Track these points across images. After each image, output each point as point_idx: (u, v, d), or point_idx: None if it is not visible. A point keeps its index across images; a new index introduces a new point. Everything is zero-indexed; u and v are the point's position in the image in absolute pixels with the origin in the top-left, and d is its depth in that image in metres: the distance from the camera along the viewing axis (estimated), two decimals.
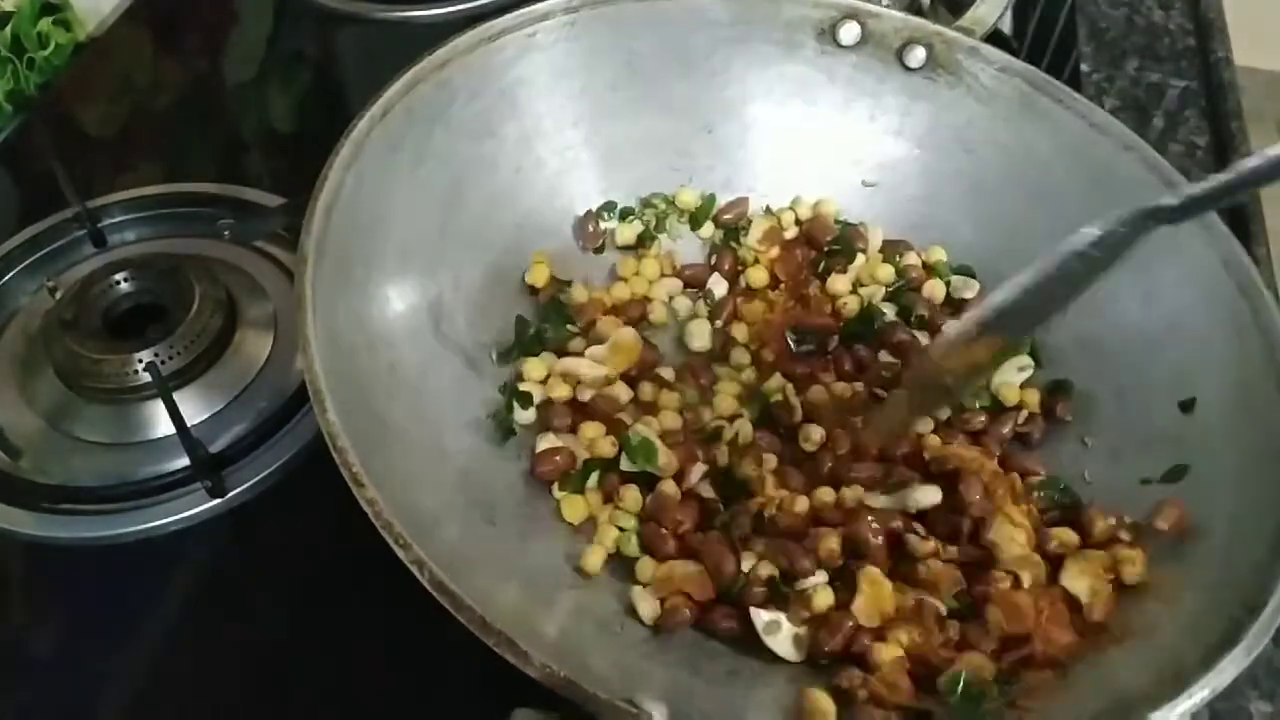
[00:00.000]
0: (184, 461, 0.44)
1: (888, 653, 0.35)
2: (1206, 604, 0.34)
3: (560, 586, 0.37)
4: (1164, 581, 0.36)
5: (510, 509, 0.39)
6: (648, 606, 0.37)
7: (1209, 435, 0.39)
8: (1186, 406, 0.40)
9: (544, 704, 0.32)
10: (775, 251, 0.48)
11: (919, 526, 0.39)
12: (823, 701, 0.33)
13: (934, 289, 0.47)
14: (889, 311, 0.47)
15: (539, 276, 0.46)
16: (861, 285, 0.48)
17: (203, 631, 0.41)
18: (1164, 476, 0.39)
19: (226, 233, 0.53)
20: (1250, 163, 0.32)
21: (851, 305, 0.47)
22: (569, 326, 0.45)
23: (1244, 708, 0.39)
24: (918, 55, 0.48)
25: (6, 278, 0.53)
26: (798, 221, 0.49)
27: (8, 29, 0.62)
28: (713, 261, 0.49)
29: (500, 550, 0.36)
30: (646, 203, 0.49)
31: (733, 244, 0.49)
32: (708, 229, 0.50)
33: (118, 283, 0.50)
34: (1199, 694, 0.31)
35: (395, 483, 0.33)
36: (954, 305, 0.47)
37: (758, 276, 0.48)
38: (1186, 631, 0.34)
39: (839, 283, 0.47)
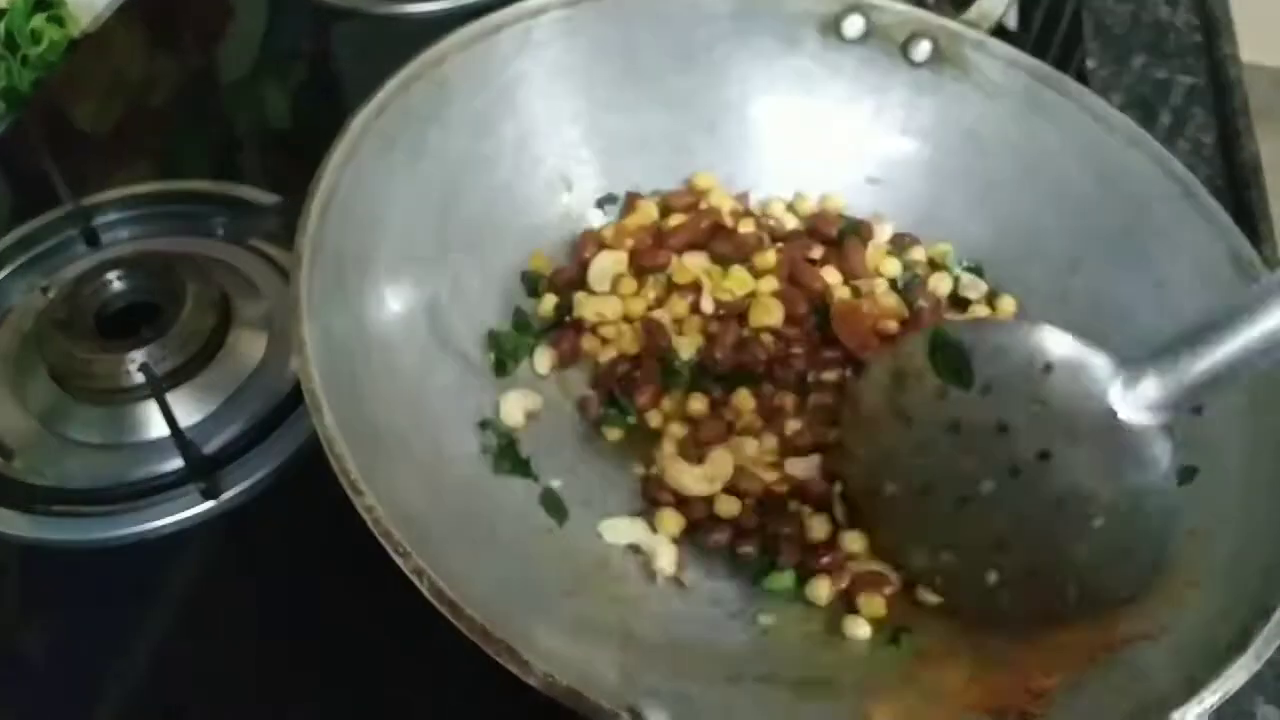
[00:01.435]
0: (178, 463, 0.44)
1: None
2: (1216, 608, 0.34)
3: (561, 594, 0.37)
4: (1172, 585, 0.36)
5: (510, 516, 0.39)
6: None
7: (1218, 437, 0.38)
8: (1196, 408, 0.40)
9: (544, 712, 0.31)
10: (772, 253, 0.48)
11: None
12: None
13: (939, 284, 0.46)
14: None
15: (548, 306, 0.45)
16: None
17: (196, 633, 0.41)
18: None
19: (221, 231, 0.52)
20: None
21: (842, 296, 0.46)
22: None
23: (1251, 713, 0.38)
24: (923, 49, 0.47)
25: None
26: (792, 212, 0.49)
27: (1, 25, 0.62)
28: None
29: (500, 557, 0.36)
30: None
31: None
32: None
33: (111, 282, 0.49)
34: (1209, 699, 0.30)
35: (393, 488, 0.33)
36: (960, 304, 0.47)
37: (764, 261, 0.46)
38: (1195, 636, 0.33)
39: (830, 274, 0.46)
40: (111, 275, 0.49)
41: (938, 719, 0.33)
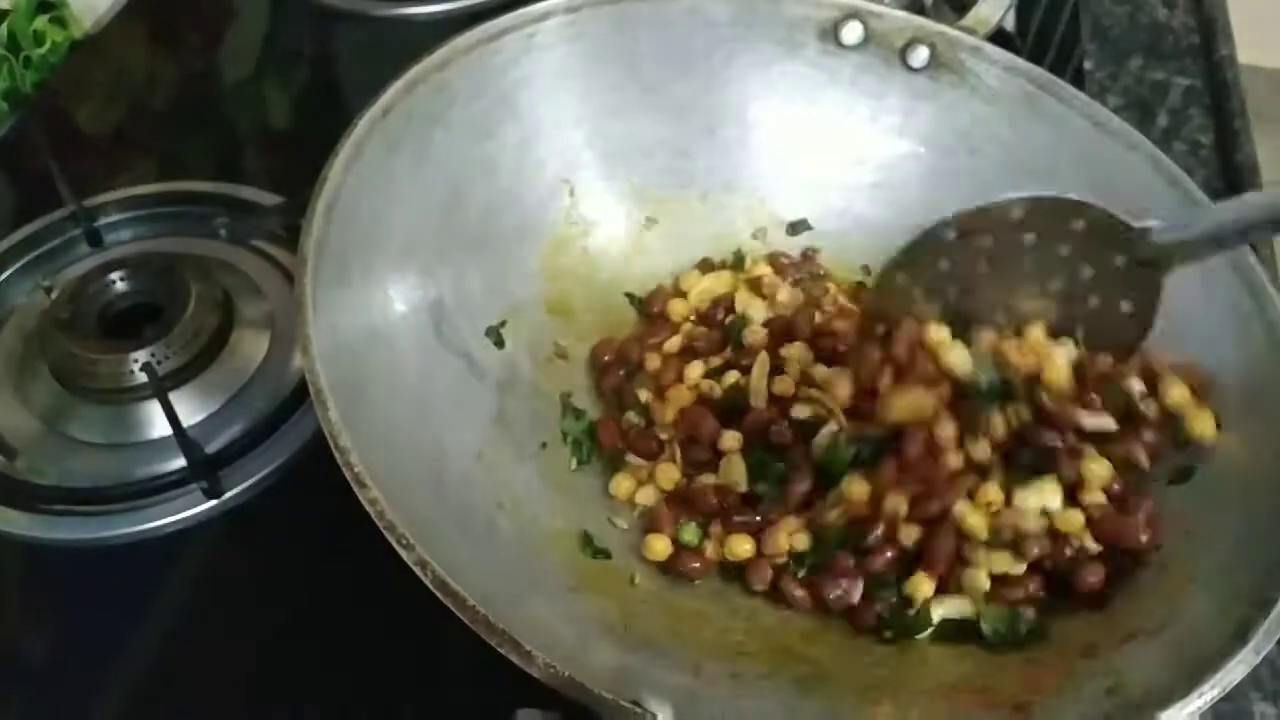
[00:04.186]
0: (180, 462, 0.44)
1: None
2: (1215, 603, 0.34)
3: (563, 589, 0.37)
4: (1172, 582, 0.36)
5: (511, 512, 0.39)
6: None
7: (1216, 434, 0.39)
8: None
9: (547, 704, 0.31)
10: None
11: None
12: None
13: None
14: None
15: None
16: None
17: (199, 632, 0.41)
18: (1171, 477, 0.39)
19: (223, 232, 0.52)
20: None
21: None
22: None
23: (1247, 710, 0.39)
24: (921, 55, 0.48)
25: (2, 277, 0.53)
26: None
27: (4, 27, 0.62)
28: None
29: (502, 553, 0.36)
30: None
31: None
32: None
33: (114, 282, 0.49)
34: (1208, 693, 0.31)
35: (396, 484, 0.33)
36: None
37: None
38: (1195, 630, 0.34)
39: None
40: (114, 275, 0.49)
41: (938, 714, 0.33)
